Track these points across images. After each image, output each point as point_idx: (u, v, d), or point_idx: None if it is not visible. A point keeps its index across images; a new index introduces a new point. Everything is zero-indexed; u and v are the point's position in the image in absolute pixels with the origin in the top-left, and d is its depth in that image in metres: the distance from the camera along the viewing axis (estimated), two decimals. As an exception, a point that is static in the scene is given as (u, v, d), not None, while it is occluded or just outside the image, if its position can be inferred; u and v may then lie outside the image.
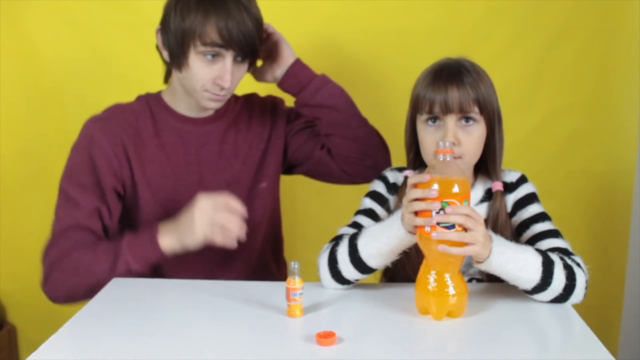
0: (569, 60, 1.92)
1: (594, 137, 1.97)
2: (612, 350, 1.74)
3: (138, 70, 1.90)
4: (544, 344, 1.11)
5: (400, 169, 1.41)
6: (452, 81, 1.24)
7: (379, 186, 1.40)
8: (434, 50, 1.90)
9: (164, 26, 1.37)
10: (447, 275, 1.12)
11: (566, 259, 1.20)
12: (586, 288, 1.19)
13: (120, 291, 1.34)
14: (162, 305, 1.26)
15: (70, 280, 1.35)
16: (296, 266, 1.17)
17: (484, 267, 1.16)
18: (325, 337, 1.05)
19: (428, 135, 1.28)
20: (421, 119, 1.29)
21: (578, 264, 1.21)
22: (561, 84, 1.94)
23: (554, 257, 1.19)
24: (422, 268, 1.15)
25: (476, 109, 1.24)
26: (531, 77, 1.93)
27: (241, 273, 1.52)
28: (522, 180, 1.35)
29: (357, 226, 1.33)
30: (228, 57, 1.34)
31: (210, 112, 1.49)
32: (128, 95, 1.55)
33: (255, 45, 1.37)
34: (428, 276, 1.13)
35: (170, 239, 1.32)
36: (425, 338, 1.10)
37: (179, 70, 1.38)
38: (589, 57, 1.92)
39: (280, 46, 1.48)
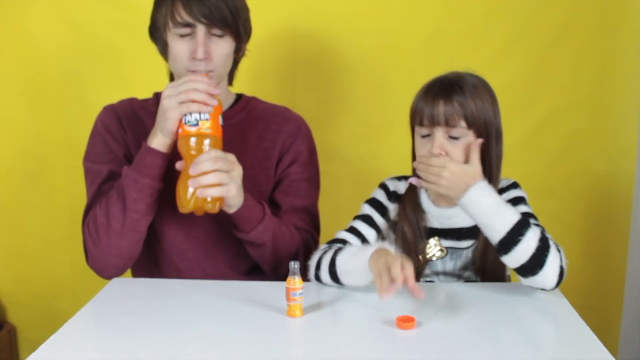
0: (569, 60, 1.92)
1: (594, 137, 1.96)
2: (612, 350, 1.74)
3: (138, 70, 1.90)
4: (544, 344, 1.11)
5: (400, 178, 1.45)
6: (441, 95, 1.28)
7: (379, 194, 1.44)
8: (435, 50, 1.92)
9: (151, 24, 1.46)
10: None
11: (551, 240, 1.20)
12: (560, 276, 1.19)
13: (120, 291, 1.34)
14: (162, 305, 1.26)
15: (99, 240, 1.37)
16: (296, 266, 1.17)
17: (461, 204, 1.22)
18: (405, 322, 1.11)
19: (420, 146, 1.33)
20: (416, 130, 1.34)
21: (558, 250, 1.21)
22: (561, 84, 1.94)
23: (537, 228, 1.19)
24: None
25: (463, 124, 1.27)
26: (531, 77, 1.93)
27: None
28: (513, 185, 1.37)
29: (354, 231, 1.39)
30: (200, 30, 1.37)
31: None
32: (128, 95, 1.54)
33: (223, 15, 1.37)
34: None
35: (155, 136, 1.33)
36: (423, 338, 1.10)
37: (167, 58, 1.43)
38: (589, 57, 1.92)
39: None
